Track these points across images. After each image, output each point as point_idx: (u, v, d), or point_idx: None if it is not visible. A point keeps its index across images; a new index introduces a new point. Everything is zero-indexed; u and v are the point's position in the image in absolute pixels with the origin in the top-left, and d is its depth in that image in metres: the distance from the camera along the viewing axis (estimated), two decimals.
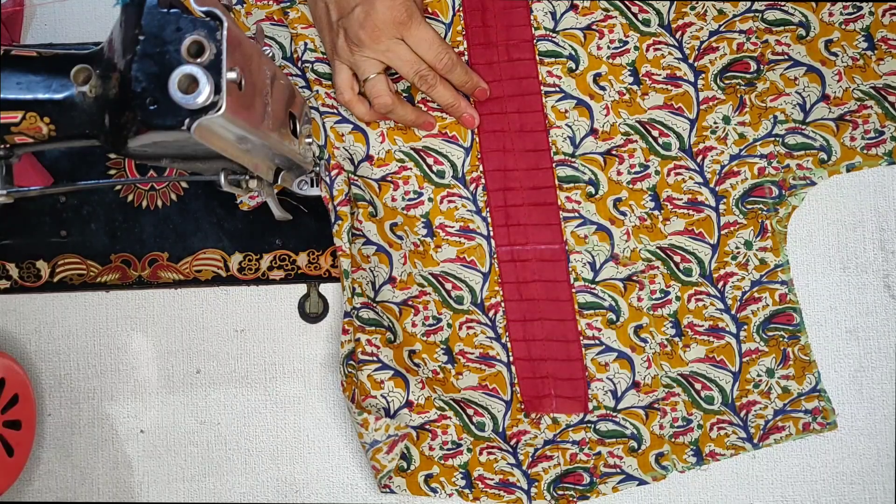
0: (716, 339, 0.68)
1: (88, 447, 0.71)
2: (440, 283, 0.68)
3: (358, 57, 0.63)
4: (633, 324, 0.67)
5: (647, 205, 0.69)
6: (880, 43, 0.69)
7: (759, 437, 0.68)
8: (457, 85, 0.67)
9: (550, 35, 0.69)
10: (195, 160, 0.52)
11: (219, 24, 0.45)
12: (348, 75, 0.65)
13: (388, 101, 0.65)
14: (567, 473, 0.68)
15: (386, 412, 0.68)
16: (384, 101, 0.65)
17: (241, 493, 0.70)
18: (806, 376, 0.68)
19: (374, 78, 0.64)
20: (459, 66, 0.66)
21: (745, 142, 0.69)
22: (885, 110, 0.69)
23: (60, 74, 0.48)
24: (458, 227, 0.68)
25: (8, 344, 0.72)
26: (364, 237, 0.69)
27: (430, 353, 0.67)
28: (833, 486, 0.69)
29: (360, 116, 0.67)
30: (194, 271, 0.71)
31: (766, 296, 0.68)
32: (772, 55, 0.69)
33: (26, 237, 0.71)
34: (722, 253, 0.68)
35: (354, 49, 0.63)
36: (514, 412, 0.68)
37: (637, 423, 0.67)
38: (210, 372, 0.71)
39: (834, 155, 0.69)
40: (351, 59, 0.64)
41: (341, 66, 0.65)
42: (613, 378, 0.67)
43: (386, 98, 0.65)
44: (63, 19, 0.75)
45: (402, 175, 0.68)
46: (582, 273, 0.68)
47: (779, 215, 0.69)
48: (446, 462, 0.68)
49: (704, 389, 0.68)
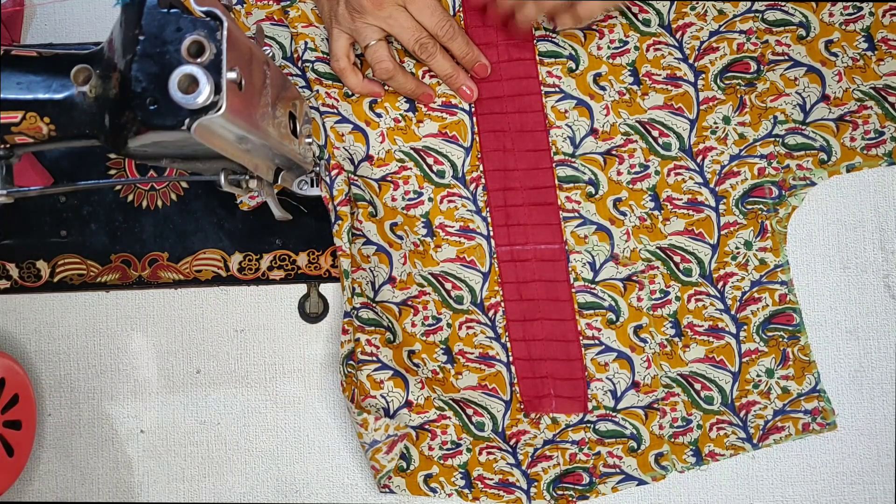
0: (715, 340, 0.68)
1: (88, 447, 0.71)
2: (440, 282, 0.68)
3: (359, 24, 0.63)
4: (633, 324, 0.67)
5: (647, 205, 0.69)
6: (880, 43, 0.69)
7: (759, 437, 0.68)
8: (457, 56, 0.67)
9: (550, 35, 0.69)
10: (195, 160, 0.52)
11: (219, 24, 0.45)
12: (346, 43, 0.65)
13: (389, 67, 0.65)
14: (566, 473, 0.68)
15: (385, 412, 0.68)
16: (386, 66, 0.65)
17: (241, 493, 0.70)
18: (805, 377, 0.68)
19: (375, 44, 0.64)
20: (460, 37, 0.66)
21: (745, 142, 0.69)
22: (885, 111, 0.69)
23: (60, 74, 0.48)
24: (458, 226, 0.68)
25: (8, 344, 0.72)
26: (364, 237, 0.69)
27: (429, 353, 0.67)
28: (833, 486, 0.69)
29: (352, 87, 0.67)
30: (194, 271, 0.71)
31: (766, 296, 0.68)
32: (772, 55, 0.69)
33: (26, 237, 0.71)
34: (722, 253, 0.68)
35: (356, 16, 0.63)
36: (513, 412, 0.68)
37: (636, 423, 0.67)
38: (210, 372, 0.71)
39: (834, 155, 0.69)
40: (351, 26, 0.64)
41: (340, 33, 0.65)
42: (613, 378, 0.67)
43: (388, 63, 0.65)
44: (63, 19, 0.75)
45: (402, 175, 0.68)
46: (582, 273, 0.68)
47: (779, 216, 0.69)
48: (446, 462, 0.68)
49: (704, 389, 0.68)
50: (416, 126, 0.69)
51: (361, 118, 0.69)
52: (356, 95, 0.69)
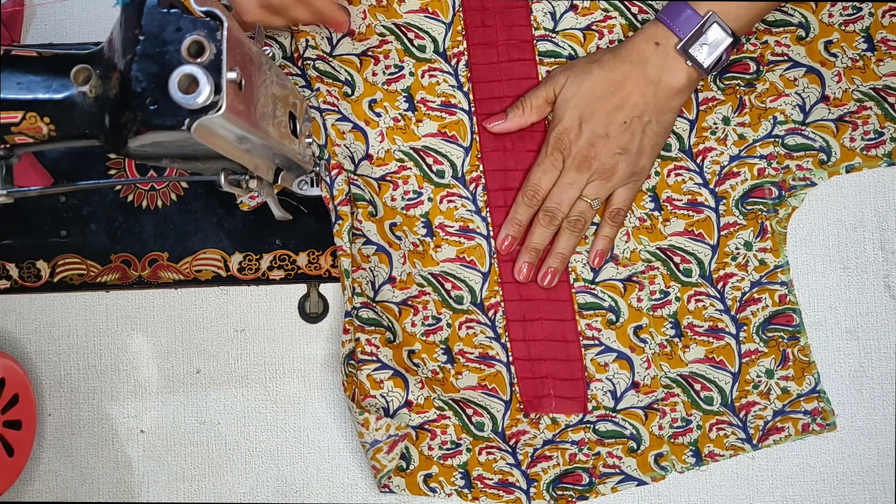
0: (715, 340, 0.68)
1: (88, 447, 0.71)
2: (440, 282, 0.68)
3: None
4: (633, 324, 0.67)
5: (646, 205, 0.69)
6: (880, 44, 0.69)
7: (759, 437, 0.68)
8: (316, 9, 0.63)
9: (550, 35, 0.69)
10: (195, 160, 0.52)
11: (219, 24, 0.45)
12: None
13: None
14: (566, 474, 0.68)
15: (385, 412, 0.68)
16: None
17: (241, 493, 0.70)
18: (805, 377, 0.68)
19: None
20: None
21: (744, 142, 0.69)
22: (885, 111, 0.69)
23: (60, 74, 0.48)
24: (457, 226, 0.68)
25: (8, 344, 0.72)
26: (364, 237, 0.69)
27: (429, 352, 0.67)
28: (833, 486, 0.69)
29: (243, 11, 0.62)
30: (194, 271, 0.71)
31: (766, 297, 0.68)
32: (771, 56, 0.69)
33: (26, 237, 0.71)
34: (722, 254, 0.68)
35: None
36: (513, 412, 0.68)
37: (636, 423, 0.67)
38: (210, 372, 0.71)
39: (833, 156, 0.69)
40: None
41: None
42: (613, 378, 0.67)
43: None
44: (63, 19, 0.75)
45: (402, 175, 0.68)
46: (582, 273, 0.68)
47: (778, 216, 0.69)
48: (445, 462, 0.68)
49: (704, 390, 0.68)
50: (416, 126, 0.69)
51: (361, 117, 0.69)
52: (356, 95, 0.68)
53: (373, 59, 0.69)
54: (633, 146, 0.64)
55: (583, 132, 0.64)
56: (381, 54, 0.69)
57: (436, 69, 0.69)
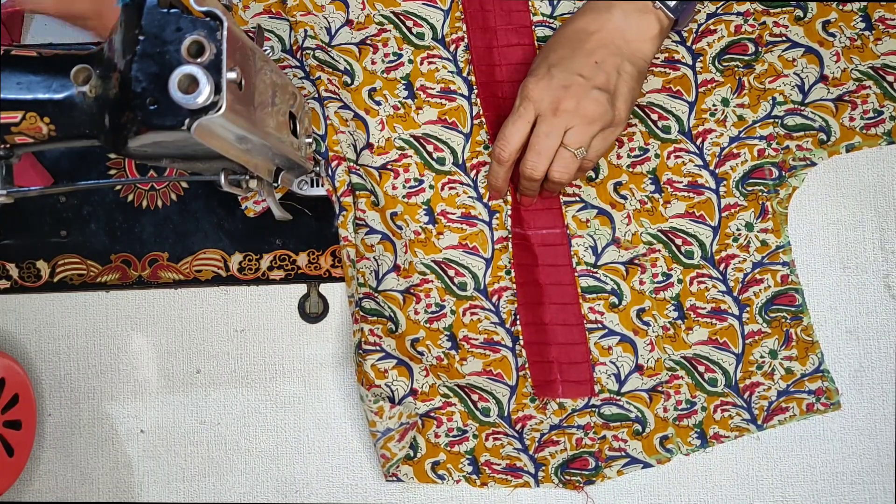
0: (718, 322, 0.68)
1: (88, 447, 0.71)
2: (443, 269, 0.68)
3: None
4: (636, 307, 0.68)
5: (647, 188, 0.69)
6: (878, 23, 0.69)
7: (763, 418, 0.68)
8: None
9: (548, 21, 0.69)
10: (195, 160, 0.52)
11: (219, 24, 0.45)
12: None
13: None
14: (573, 459, 0.68)
15: (390, 401, 0.68)
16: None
17: (241, 493, 0.70)
18: (809, 357, 0.68)
19: None
20: None
21: (744, 124, 0.69)
22: (884, 90, 0.69)
23: (60, 74, 0.48)
24: (459, 213, 0.69)
25: (8, 344, 0.72)
26: (367, 226, 0.69)
27: (433, 339, 0.68)
28: (833, 486, 0.69)
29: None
30: (194, 271, 0.71)
31: (768, 277, 0.68)
32: (770, 37, 0.69)
33: (26, 237, 0.71)
34: (723, 235, 0.68)
35: None
36: (518, 397, 0.68)
37: (641, 406, 0.67)
38: (210, 372, 0.71)
39: (833, 135, 0.69)
40: None
41: None
42: (617, 361, 0.67)
43: None
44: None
45: (403, 163, 0.69)
46: (584, 257, 0.68)
47: (779, 197, 0.69)
48: (452, 449, 0.68)
49: (708, 372, 0.68)
50: (416, 113, 0.69)
51: (361, 106, 0.69)
52: (355, 84, 0.69)
53: (371, 48, 0.70)
54: (609, 86, 0.62)
55: (553, 76, 0.62)
56: (379, 43, 0.70)
57: (434, 56, 0.70)
